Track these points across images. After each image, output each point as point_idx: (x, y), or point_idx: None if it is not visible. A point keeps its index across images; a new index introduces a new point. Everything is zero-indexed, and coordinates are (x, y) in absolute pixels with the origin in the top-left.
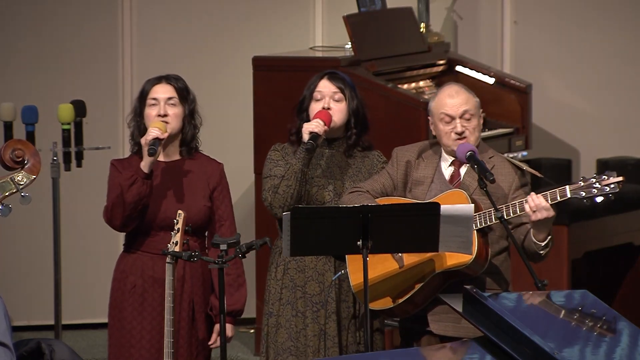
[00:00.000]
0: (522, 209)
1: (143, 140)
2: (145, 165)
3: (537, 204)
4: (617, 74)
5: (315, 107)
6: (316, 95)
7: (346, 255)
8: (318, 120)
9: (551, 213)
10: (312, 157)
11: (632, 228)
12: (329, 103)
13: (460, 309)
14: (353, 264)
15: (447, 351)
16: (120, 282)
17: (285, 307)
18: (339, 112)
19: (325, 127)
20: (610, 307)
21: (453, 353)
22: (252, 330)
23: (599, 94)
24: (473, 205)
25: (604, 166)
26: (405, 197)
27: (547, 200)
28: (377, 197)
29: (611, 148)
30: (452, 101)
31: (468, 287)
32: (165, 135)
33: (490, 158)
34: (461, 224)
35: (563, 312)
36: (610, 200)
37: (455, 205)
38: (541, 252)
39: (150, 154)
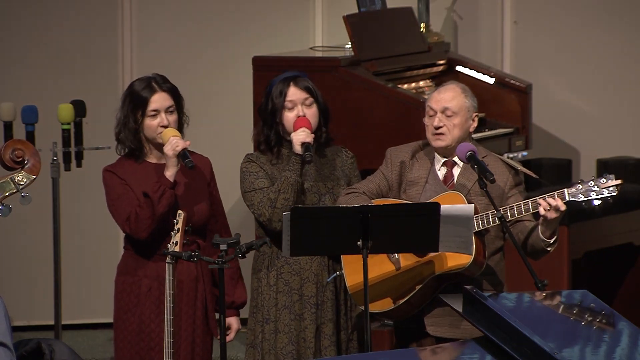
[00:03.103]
0: (528, 210)
1: (170, 152)
2: (171, 175)
3: (554, 206)
4: (617, 74)
5: (289, 116)
6: (287, 104)
7: (342, 257)
8: (304, 129)
9: (563, 212)
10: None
11: (632, 228)
12: (302, 110)
13: (460, 309)
14: (349, 265)
15: (447, 351)
16: (133, 286)
17: (282, 312)
18: (313, 116)
19: (312, 134)
20: (611, 307)
21: (453, 353)
22: None
23: (599, 94)
24: (473, 205)
25: (604, 166)
26: (399, 198)
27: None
28: (373, 198)
29: (611, 148)
30: (437, 95)
31: (468, 287)
32: (188, 143)
33: (483, 158)
34: (461, 224)
35: (563, 312)
36: (610, 201)
37: (456, 205)
38: (549, 248)
39: (190, 167)
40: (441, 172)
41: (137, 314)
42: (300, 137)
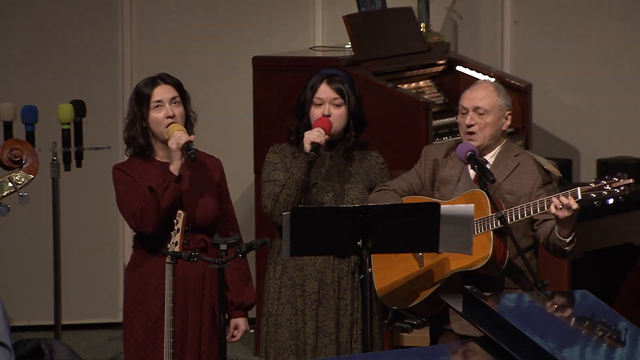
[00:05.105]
0: (543, 208)
1: (174, 145)
2: (175, 169)
3: (566, 204)
4: (617, 74)
5: (315, 112)
6: (316, 100)
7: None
8: (319, 129)
9: (576, 211)
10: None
11: (632, 228)
12: (328, 109)
13: (460, 309)
14: (377, 262)
15: (448, 351)
16: (140, 284)
17: (284, 306)
18: (338, 118)
19: (326, 135)
20: (610, 307)
21: (453, 353)
22: (252, 331)
23: (599, 94)
24: (473, 205)
25: (604, 166)
26: (432, 197)
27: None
28: (404, 196)
29: (611, 148)
30: (470, 94)
31: (468, 287)
32: (193, 137)
33: (515, 156)
34: (461, 224)
35: (563, 312)
36: (621, 200)
37: (455, 205)
38: (566, 248)
39: (193, 159)
40: (472, 171)
41: (143, 311)
42: (312, 136)
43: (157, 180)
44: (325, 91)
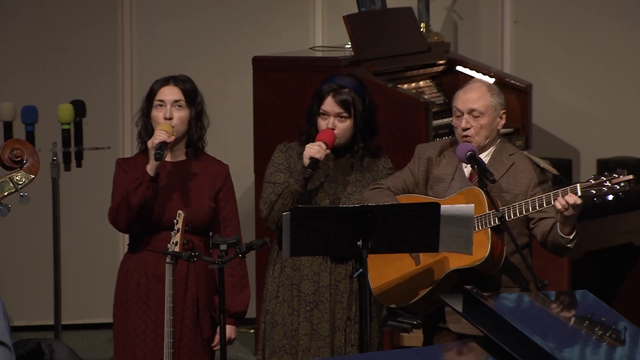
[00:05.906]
0: (541, 205)
1: (150, 144)
2: (151, 168)
3: (572, 204)
4: (617, 74)
5: (321, 124)
6: (321, 112)
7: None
8: (320, 143)
9: (580, 207)
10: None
11: (632, 228)
12: (333, 123)
13: (460, 309)
14: (372, 261)
15: (447, 351)
16: (124, 281)
17: (281, 305)
18: (343, 130)
19: (328, 150)
20: (611, 307)
21: (453, 353)
22: (252, 331)
23: (599, 94)
24: (473, 205)
25: (604, 166)
26: (426, 195)
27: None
28: (398, 194)
29: (611, 148)
30: (463, 96)
31: (468, 287)
32: (172, 138)
33: (510, 155)
34: (461, 224)
35: (563, 312)
36: (621, 196)
37: (456, 205)
38: (568, 245)
39: (156, 159)
40: (467, 169)
41: (125, 309)
42: (312, 151)
43: (132, 177)
44: (329, 104)
